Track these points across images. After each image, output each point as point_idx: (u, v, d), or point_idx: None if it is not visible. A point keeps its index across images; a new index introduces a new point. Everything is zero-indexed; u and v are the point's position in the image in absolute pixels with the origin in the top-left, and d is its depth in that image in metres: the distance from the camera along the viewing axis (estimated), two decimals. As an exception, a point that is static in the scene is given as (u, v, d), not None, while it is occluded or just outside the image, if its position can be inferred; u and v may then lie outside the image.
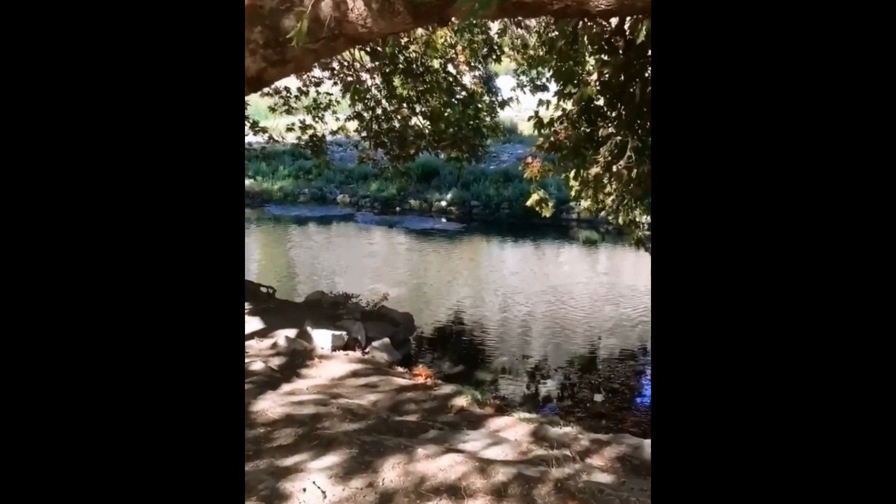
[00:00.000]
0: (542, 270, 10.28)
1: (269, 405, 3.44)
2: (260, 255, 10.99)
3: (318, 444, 2.97)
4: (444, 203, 14.40)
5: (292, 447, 2.95)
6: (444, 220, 13.82)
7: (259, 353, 4.53)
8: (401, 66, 7.76)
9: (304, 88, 9.18)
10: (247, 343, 4.63)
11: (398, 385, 4.43)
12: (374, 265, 10.20)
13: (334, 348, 4.92)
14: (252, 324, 5.07)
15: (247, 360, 4.29)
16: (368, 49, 7.89)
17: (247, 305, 5.46)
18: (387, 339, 5.35)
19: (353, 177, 15.79)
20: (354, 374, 4.47)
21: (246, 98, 9.65)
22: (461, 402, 4.21)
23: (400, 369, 5.14)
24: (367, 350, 5.20)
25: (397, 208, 14.61)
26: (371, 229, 13.09)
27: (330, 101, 9.20)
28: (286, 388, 3.92)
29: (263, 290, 6.41)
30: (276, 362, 4.37)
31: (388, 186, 14.34)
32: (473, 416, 3.99)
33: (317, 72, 9.45)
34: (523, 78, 8.15)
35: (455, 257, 11.20)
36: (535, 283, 9.25)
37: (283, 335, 4.79)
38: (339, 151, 15.74)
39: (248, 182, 15.44)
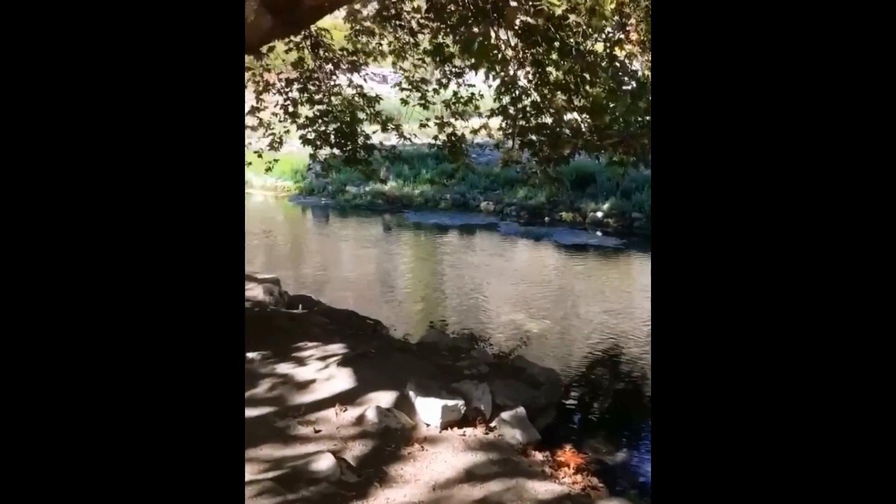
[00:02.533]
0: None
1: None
2: (388, 270, 9.89)
3: None
4: (599, 214, 12.57)
5: None
6: (599, 233, 12.00)
7: (336, 432, 3.21)
8: (556, 44, 6.20)
9: (444, 80, 7.96)
10: (323, 414, 3.34)
11: (535, 499, 2.91)
12: (515, 288, 8.69)
13: (445, 425, 3.50)
14: (339, 380, 3.78)
15: (314, 450, 2.99)
16: (517, 27, 6.47)
17: (340, 348, 4.20)
18: (521, 410, 3.84)
19: (498, 182, 14.42)
20: (470, 477, 3.02)
21: (375, 90, 8.56)
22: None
23: (538, 456, 3.62)
24: (492, 424, 3.73)
25: (546, 218, 13.00)
26: (515, 241, 11.62)
27: (472, 94, 7.89)
28: (357, 511, 2.54)
29: (371, 322, 5.17)
30: (355, 452, 3.03)
31: (536, 193, 12.79)
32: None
33: (458, 61, 8.23)
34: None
35: (612, 280, 9.42)
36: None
37: (375, 404, 3.44)
38: (485, 154, 14.48)
39: (388, 185, 14.62)
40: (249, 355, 3.94)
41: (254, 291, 5.34)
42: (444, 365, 4.21)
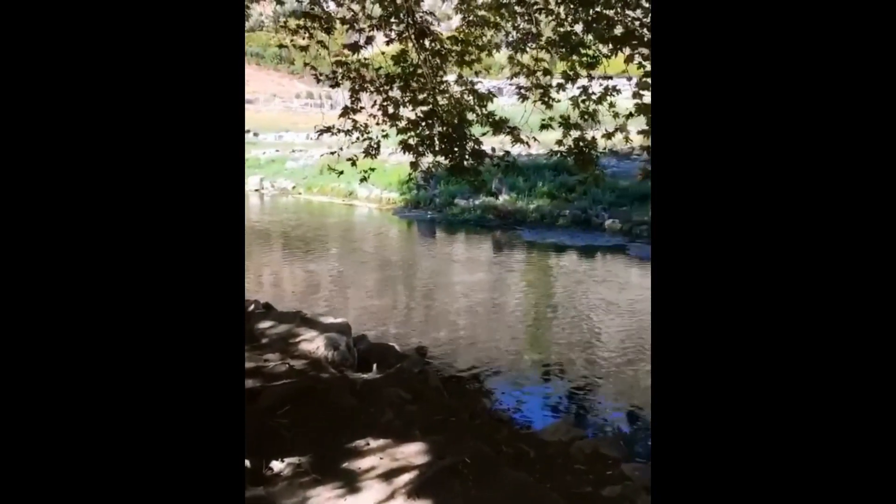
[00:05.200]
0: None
1: None
2: (497, 302, 8.39)
3: None
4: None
5: None
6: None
7: None
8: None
9: (571, 72, 6.45)
10: None
11: None
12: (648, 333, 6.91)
13: None
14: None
15: None
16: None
17: (419, 453, 2.74)
18: None
19: (626, 196, 12.59)
20: None
21: (486, 87, 7.16)
22: None
23: None
24: None
25: (685, 240, 11.03)
26: (646, 267, 9.78)
27: (606, 88, 6.33)
28: None
29: (467, 389, 3.68)
30: None
31: (674, 211, 10.88)
32: None
33: (589, 49, 6.73)
34: None
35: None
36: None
37: None
38: (610, 164, 12.72)
39: (501, 199, 13.19)
40: (275, 466, 2.59)
41: (312, 344, 3.98)
42: (581, 494, 2.64)
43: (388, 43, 6.59)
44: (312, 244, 11.64)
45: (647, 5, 5.91)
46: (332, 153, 6.31)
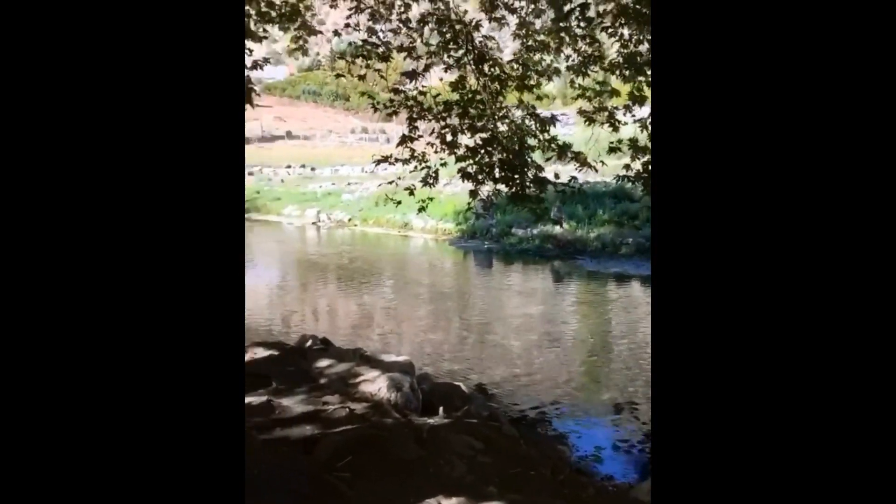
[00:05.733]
0: None
1: None
2: (556, 337, 7.98)
3: None
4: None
5: None
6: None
7: None
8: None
9: (638, 93, 6.13)
10: None
11: None
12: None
13: None
14: None
15: None
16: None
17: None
18: None
19: (693, 224, 12.04)
20: None
21: (547, 110, 6.88)
22: None
23: None
24: None
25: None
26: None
27: (677, 110, 5.97)
28: None
29: (545, 435, 3.29)
30: None
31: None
32: None
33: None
34: None
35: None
36: None
37: None
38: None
39: (560, 228, 12.79)
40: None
41: (374, 385, 3.67)
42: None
43: (446, 69, 6.41)
44: (368, 276, 11.49)
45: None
46: (391, 182, 6.10)
